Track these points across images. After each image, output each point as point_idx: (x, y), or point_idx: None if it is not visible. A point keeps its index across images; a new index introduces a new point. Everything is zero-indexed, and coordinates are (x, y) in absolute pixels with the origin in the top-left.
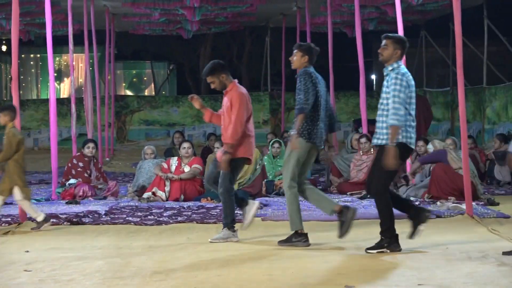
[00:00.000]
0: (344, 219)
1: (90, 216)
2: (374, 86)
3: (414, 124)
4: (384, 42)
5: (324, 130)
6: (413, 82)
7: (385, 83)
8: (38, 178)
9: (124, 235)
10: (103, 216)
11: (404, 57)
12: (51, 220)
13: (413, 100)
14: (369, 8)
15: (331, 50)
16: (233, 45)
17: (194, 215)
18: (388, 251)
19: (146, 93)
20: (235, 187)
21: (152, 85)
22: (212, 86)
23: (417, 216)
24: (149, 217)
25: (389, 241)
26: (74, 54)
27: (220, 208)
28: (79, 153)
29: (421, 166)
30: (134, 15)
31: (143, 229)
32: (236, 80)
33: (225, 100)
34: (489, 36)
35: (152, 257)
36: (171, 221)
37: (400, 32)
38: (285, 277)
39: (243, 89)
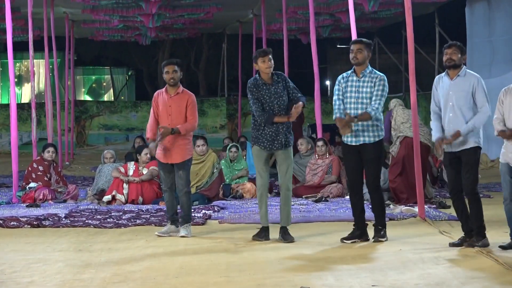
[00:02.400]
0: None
1: (50, 219)
2: (329, 91)
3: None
4: (358, 46)
5: (275, 133)
6: None
7: (361, 84)
8: None
9: (84, 238)
10: (63, 219)
11: None
12: (12, 223)
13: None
14: (324, 16)
15: (286, 57)
16: (191, 52)
17: (153, 218)
18: (359, 240)
19: (105, 99)
20: (193, 190)
21: (111, 90)
22: (170, 75)
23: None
24: (108, 220)
25: (385, 230)
26: (34, 60)
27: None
28: (39, 157)
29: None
30: (93, 22)
31: (102, 232)
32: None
33: (174, 102)
34: (441, 43)
35: (111, 259)
36: (130, 224)
37: (354, 38)
38: (242, 278)
39: None
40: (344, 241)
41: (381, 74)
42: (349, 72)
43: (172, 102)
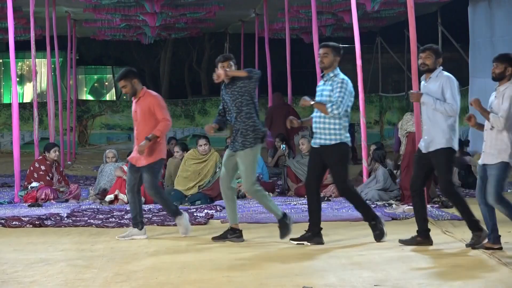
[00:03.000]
0: (226, 235)
1: (52, 219)
2: None
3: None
4: (324, 50)
5: (235, 135)
6: (353, 89)
7: (324, 87)
8: (1, 181)
9: (86, 238)
10: (65, 219)
11: (359, 62)
12: (14, 222)
13: (351, 104)
14: (326, 15)
15: (289, 56)
16: (193, 51)
17: (155, 218)
18: (309, 243)
19: (107, 98)
20: (195, 190)
21: (113, 90)
22: (124, 91)
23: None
24: (110, 219)
25: (375, 225)
26: (36, 59)
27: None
28: (41, 157)
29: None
30: (95, 21)
31: (104, 232)
32: (145, 87)
33: (138, 106)
34: (443, 42)
35: (113, 259)
36: (132, 223)
37: (357, 38)
38: (244, 278)
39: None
40: (292, 241)
41: (343, 77)
42: None
43: (137, 107)
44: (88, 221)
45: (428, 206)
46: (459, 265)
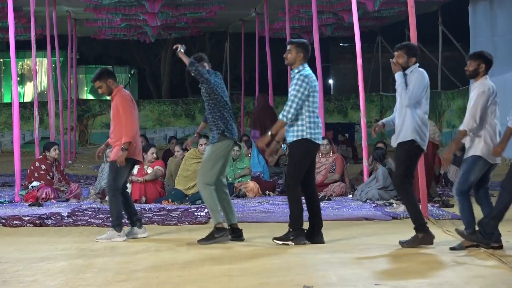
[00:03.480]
0: (216, 236)
1: (53, 218)
2: (332, 90)
3: (318, 120)
4: (288, 47)
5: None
6: (316, 83)
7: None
8: (1, 181)
9: (86, 237)
10: (66, 218)
11: (360, 61)
12: (14, 222)
13: (316, 99)
14: (326, 14)
15: None
16: (193, 50)
17: (155, 217)
18: (293, 243)
19: (108, 97)
20: (196, 189)
21: None
22: (100, 91)
23: (312, 235)
24: (111, 218)
25: (295, 234)
26: (37, 59)
27: (180, 210)
28: (41, 156)
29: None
30: (95, 20)
31: (105, 231)
32: (121, 86)
33: (113, 105)
34: (444, 42)
35: (114, 258)
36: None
37: (357, 37)
38: (245, 277)
39: (128, 92)
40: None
41: (303, 73)
42: None
43: (112, 106)
44: (89, 220)
45: (429, 205)
46: (459, 264)
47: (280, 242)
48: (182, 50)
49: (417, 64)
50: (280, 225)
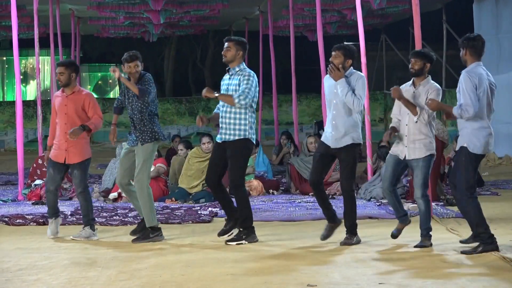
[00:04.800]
0: (148, 235)
1: None
2: None
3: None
4: (227, 44)
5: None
6: (257, 85)
7: (230, 81)
8: (5, 179)
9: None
10: (69, 217)
11: (364, 60)
12: (17, 220)
13: (256, 100)
14: (330, 12)
15: (293, 53)
16: (197, 48)
17: (159, 216)
18: (246, 242)
19: (111, 96)
20: (199, 188)
21: (117, 87)
22: (58, 77)
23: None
24: (114, 217)
25: (246, 233)
26: (40, 57)
27: (184, 208)
28: (44, 153)
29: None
30: (99, 19)
31: (108, 229)
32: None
33: (70, 101)
34: (448, 40)
35: (117, 257)
36: (136, 221)
37: (361, 35)
38: (248, 276)
39: None
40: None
41: (250, 71)
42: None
43: (68, 101)
44: None
45: (433, 204)
46: (463, 263)
47: (234, 243)
48: (123, 75)
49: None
50: (283, 224)
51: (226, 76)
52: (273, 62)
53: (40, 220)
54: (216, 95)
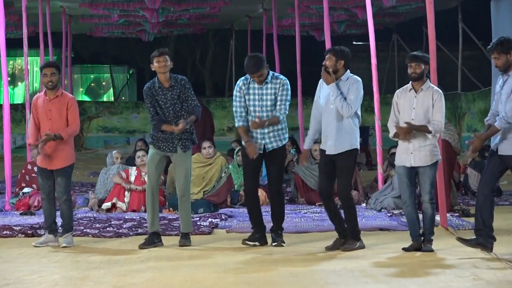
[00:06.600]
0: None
1: None
2: None
3: None
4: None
5: (170, 135)
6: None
7: (264, 91)
8: None
9: (82, 248)
10: (60, 228)
11: (374, 61)
12: (4, 232)
13: None
14: (339, 10)
15: (299, 54)
16: (196, 49)
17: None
18: (259, 244)
19: (104, 99)
20: (200, 195)
21: (111, 90)
22: (50, 79)
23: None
24: (108, 229)
25: (260, 236)
26: (29, 58)
27: None
28: (33, 159)
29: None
30: (92, 17)
31: (101, 241)
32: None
33: (54, 105)
34: (464, 40)
35: (111, 270)
36: (131, 233)
37: (371, 35)
38: None
39: None
40: (247, 242)
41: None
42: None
43: (52, 105)
44: (84, 230)
45: (448, 215)
46: (479, 277)
47: (251, 243)
48: (176, 128)
49: (348, 70)
50: (287, 236)
51: (252, 85)
52: (278, 63)
53: (28, 231)
54: (267, 124)
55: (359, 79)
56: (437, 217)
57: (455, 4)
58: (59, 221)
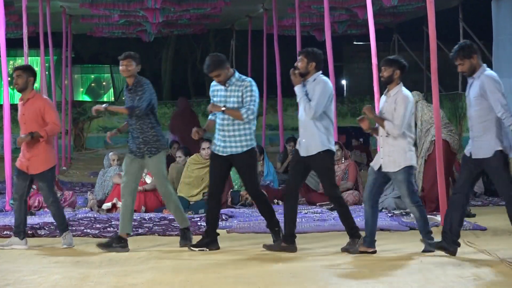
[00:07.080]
0: (114, 246)
1: (46, 228)
2: (345, 91)
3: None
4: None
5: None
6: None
7: (228, 93)
8: None
9: (82, 248)
10: (57, 230)
11: (375, 61)
12: (5, 232)
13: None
14: (339, 10)
15: None
16: (197, 49)
17: (156, 227)
18: (208, 249)
19: (105, 99)
20: (199, 197)
21: (112, 90)
22: (16, 81)
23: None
24: (108, 229)
25: (209, 241)
26: (29, 58)
27: None
28: None
29: None
30: (92, 17)
31: (102, 241)
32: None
33: (27, 109)
34: (465, 39)
35: (111, 271)
36: (131, 233)
37: (372, 35)
38: None
39: None
40: (192, 248)
41: (249, 79)
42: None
43: (25, 109)
44: (85, 230)
45: None
46: (480, 277)
47: (197, 249)
48: (102, 107)
49: (320, 72)
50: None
51: (219, 87)
52: (278, 63)
53: (29, 232)
54: (223, 109)
55: (326, 79)
56: (438, 217)
57: (455, 3)
58: (53, 223)
